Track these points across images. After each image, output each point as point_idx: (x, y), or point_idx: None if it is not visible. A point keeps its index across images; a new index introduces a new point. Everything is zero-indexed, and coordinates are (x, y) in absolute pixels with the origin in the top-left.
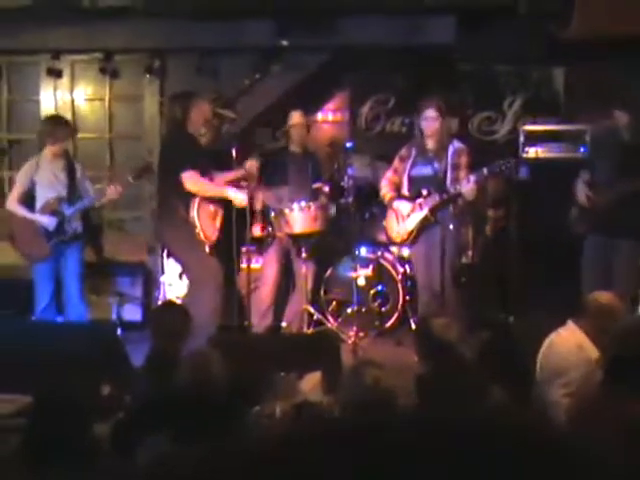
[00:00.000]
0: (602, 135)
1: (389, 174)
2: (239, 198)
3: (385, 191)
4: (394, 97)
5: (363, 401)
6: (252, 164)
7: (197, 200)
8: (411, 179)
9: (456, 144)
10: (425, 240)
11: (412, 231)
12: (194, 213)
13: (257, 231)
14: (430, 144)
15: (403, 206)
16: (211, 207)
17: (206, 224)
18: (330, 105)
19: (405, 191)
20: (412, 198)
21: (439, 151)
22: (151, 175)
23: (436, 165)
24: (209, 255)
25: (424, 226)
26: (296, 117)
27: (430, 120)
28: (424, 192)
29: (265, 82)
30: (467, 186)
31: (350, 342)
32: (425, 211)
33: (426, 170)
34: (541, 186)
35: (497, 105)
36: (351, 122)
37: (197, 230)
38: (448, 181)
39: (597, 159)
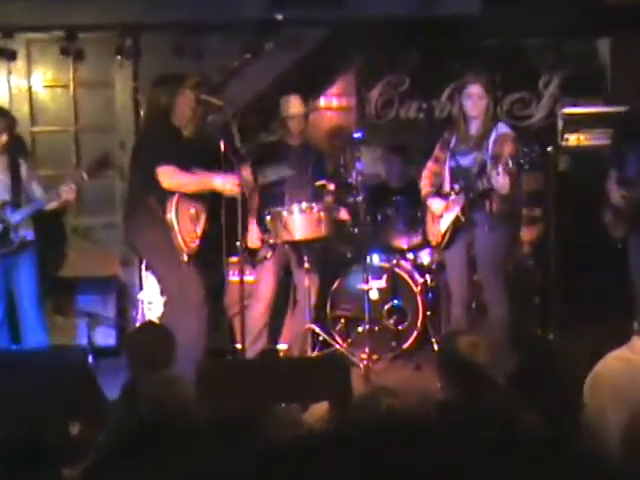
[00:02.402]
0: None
1: (430, 163)
2: (228, 186)
3: (423, 184)
4: (409, 78)
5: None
6: (247, 171)
7: (175, 198)
8: (452, 171)
9: (501, 128)
10: (458, 244)
11: (445, 233)
12: (172, 214)
13: (254, 241)
14: (473, 128)
15: (436, 204)
16: (192, 209)
17: (185, 229)
18: (334, 89)
19: (446, 185)
20: (447, 194)
21: (483, 137)
22: (110, 169)
23: (477, 154)
24: (188, 266)
25: (457, 228)
26: (294, 104)
27: (475, 98)
28: (456, 187)
29: (257, 63)
30: (498, 179)
31: (362, 366)
32: (456, 210)
33: (466, 160)
34: (584, 179)
35: (531, 85)
36: (359, 109)
37: (174, 235)
38: (487, 174)
39: (631, 150)
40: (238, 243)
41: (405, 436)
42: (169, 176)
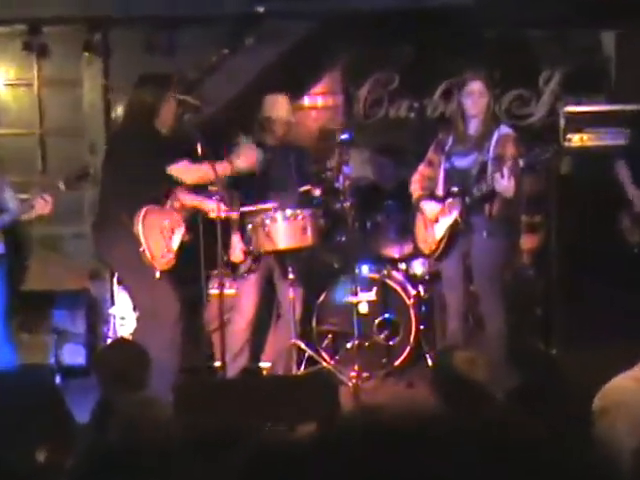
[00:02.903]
0: None
1: (422, 167)
2: (213, 209)
3: (414, 188)
4: (399, 75)
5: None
6: (225, 167)
7: (143, 211)
8: (447, 173)
9: (503, 129)
10: (454, 252)
11: (441, 240)
12: (138, 227)
13: (237, 254)
14: (472, 127)
15: (431, 208)
16: (165, 221)
17: (155, 241)
18: (319, 87)
19: (440, 189)
20: (442, 198)
21: (483, 137)
22: (88, 182)
23: (477, 155)
24: (161, 281)
25: (453, 234)
26: (281, 106)
27: (476, 96)
28: (454, 190)
29: (236, 59)
30: (502, 182)
31: (351, 384)
32: (454, 215)
33: (464, 162)
34: (587, 182)
35: (531, 81)
36: (346, 108)
37: (142, 249)
38: (488, 176)
39: None
40: (220, 256)
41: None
42: (186, 171)
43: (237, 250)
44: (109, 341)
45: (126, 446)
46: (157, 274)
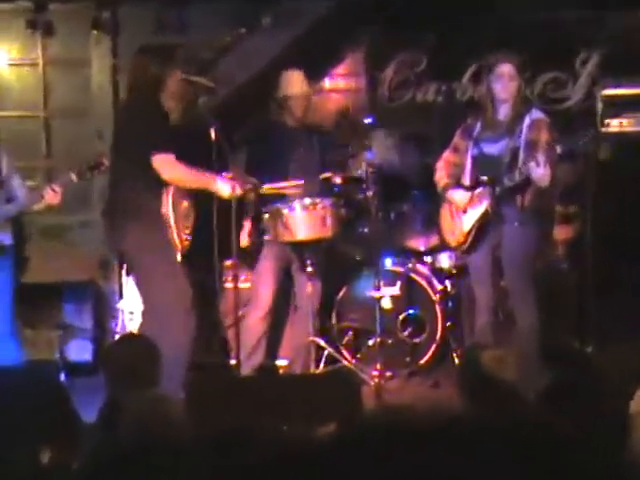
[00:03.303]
0: None
1: (447, 153)
2: (227, 191)
3: (439, 176)
4: (426, 57)
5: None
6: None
7: (172, 191)
8: (475, 161)
9: (535, 114)
10: (484, 245)
11: (470, 231)
12: (168, 208)
13: (245, 239)
14: (502, 112)
15: (459, 197)
16: (184, 202)
17: (180, 225)
18: (341, 69)
19: (467, 177)
20: (471, 187)
21: (513, 122)
22: (102, 173)
23: (507, 141)
24: (177, 268)
25: (483, 225)
26: (296, 82)
27: (506, 79)
28: (484, 178)
29: (253, 39)
30: (538, 170)
31: (373, 384)
32: (484, 205)
33: (494, 148)
34: (626, 169)
35: (566, 63)
36: (369, 91)
37: (170, 232)
38: (520, 163)
39: None
40: (235, 245)
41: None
42: (170, 167)
43: (244, 234)
44: (117, 337)
45: (135, 446)
46: (178, 257)
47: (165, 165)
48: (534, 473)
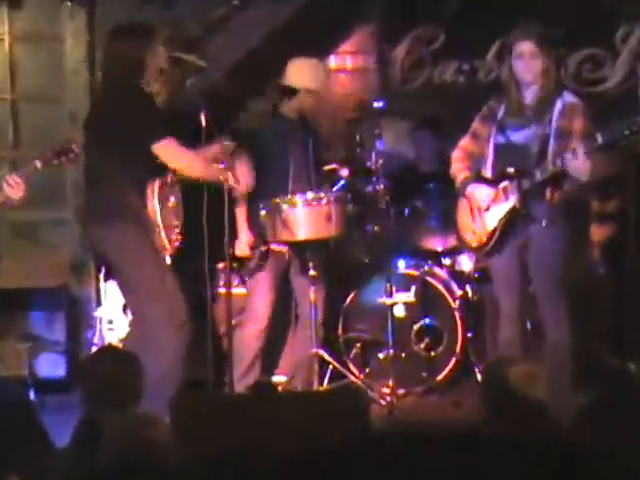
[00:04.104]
0: None
1: (465, 141)
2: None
3: (457, 168)
4: (444, 32)
5: None
6: (226, 146)
7: (157, 183)
8: (498, 150)
9: (568, 97)
10: (509, 246)
11: (494, 231)
12: (154, 203)
13: (244, 248)
14: (529, 96)
15: (481, 193)
16: (172, 198)
17: (168, 222)
18: (348, 46)
19: (488, 169)
20: (495, 180)
21: (542, 107)
22: (71, 162)
23: (535, 129)
24: (167, 271)
25: (510, 224)
26: (315, 75)
27: (527, 58)
28: (511, 171)
29: (248, 13)
30: (576, 162)
31: (384, 403)
32: (512, 201)
33: (520, 136)
34: None
35: (604, 39)
36: (380, 71)
37: (157, 230)
38: (550, 154)
39: None
40: (226, 247)
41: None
42: (176, 153)
43: (243, 242)
44: (94, 349)
45: (114, 472)
46: (167, 259)
47: (170, 152)
48: None
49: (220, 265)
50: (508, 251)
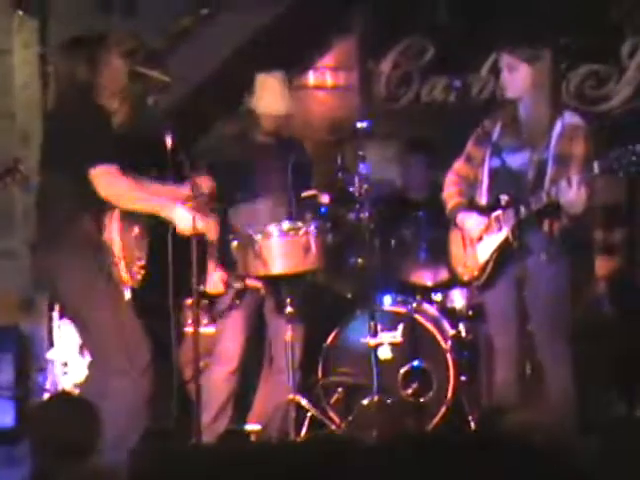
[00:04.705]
0: None
1: (459, 164)
2: (186, 221)
3: (449, 193)
4: (433, 45)
5: None
6: (204, 180)
7: (116, 212)
8: (493, 175)
9: (568, 118)
10: (504, 281)
11: (486, 264)
12: (113, 234)
13: (216, 284)
14: (524, 114)
15: (472, 222)
16: (136, 228)
17: (130, 254)
18: (328, 60)
19: (483, 195)
20: (488, 208)
21: (538, 128)
22: (19, 180)
23: (530, 152)
24: (128, 308)
25: (504, 256)
26: (274, 97)
27: (509, 71)
28: (504, 199)
29: (217, 23)
30: (569, 193)
31: None
32: (504, 231)
33: (515, 160)
34: None
35: (609, 53)
36: (363, 87)
37: (115, 263)
38: (547, 180)
39: None
40: (195, 282)
41: None
42: (111, 180)
43: (215, 278)
44: (46, 395)
45: None
46: (127, 294)
47: (104, 178)
48: None
49: (187, 302)
50: (503, 286)
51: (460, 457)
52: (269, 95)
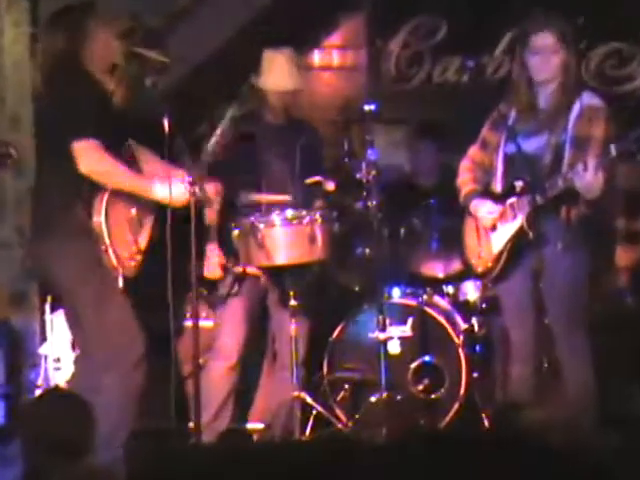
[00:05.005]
0: None
1: (474, 149)
2: (163, 194)
3: (463, 180)
4: (446, 22)
5: None
6: (211, 185)
7: (106, 195)
8: (508, 161)
9: (587, 99)
10: (521, 271)
11: (500, 254)
12: (100, 218)
13: (212, 268)
14: (543, 98)
15: (486, 210)
16: (132, 210)
17: (120, 239)
18: (335, 38)
19: (498, 182)
20: (502, 195)
21: (557, 111)
22: (11, 165)
23: (548, 136)
24: (123, 298)
25: (519, 246)
26: (283, 73)
27: (547, 54)
28: (518, 185)
29: (218, 2)
30: (585, 176)
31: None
32: (519, 220)
33: (531, 144)
34: None
35: (632, 31)
36: (372, 68)
37: (104, 248)
38: (564, 164)
39: None
40: (194, 270)
41: None
42: (91, 155)
43: (212, 262)
44: (39, 392)
45: None
46: (120, 282)
47: (85, 153)
48: None
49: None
50: (519, 277)
51: (474, 456)
52: (277, 71)
